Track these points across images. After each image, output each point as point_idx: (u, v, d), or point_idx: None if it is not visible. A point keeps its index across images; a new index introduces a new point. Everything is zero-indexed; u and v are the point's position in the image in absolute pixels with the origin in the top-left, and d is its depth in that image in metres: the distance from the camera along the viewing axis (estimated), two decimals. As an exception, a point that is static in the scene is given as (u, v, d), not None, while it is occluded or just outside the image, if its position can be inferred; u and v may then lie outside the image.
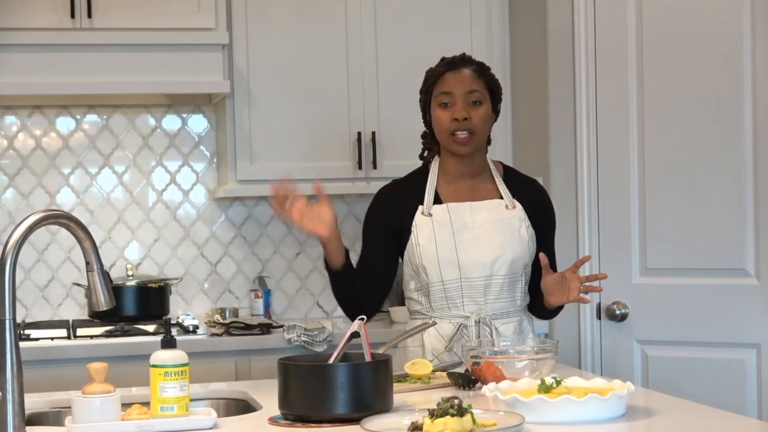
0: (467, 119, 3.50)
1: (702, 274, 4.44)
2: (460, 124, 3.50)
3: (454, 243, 3.52)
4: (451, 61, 3.59)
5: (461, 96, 3.52)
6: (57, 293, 5.13)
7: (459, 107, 3.51)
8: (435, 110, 3.56)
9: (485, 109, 3.55)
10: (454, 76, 3.55)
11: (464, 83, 3.54)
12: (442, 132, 3.55)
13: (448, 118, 3.52)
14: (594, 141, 4.63)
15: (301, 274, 5.34)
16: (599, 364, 4.62)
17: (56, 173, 5.14)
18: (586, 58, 4.63)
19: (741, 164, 4.36)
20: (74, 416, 2.64)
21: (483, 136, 3.57)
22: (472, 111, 3.52)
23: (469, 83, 3.54)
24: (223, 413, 3.07)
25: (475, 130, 3.52)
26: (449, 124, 3.52)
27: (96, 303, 2.85)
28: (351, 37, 5.00)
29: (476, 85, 3.54)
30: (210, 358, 4.55)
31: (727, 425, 2.63)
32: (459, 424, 2.38)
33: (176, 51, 4.69)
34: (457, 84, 3.53)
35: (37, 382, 3.56)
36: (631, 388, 2.71)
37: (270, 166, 4.91)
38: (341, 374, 2.66)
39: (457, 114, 3.51)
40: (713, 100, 4.40)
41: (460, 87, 3.53)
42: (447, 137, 3.54)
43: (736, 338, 4.39)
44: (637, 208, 4.54)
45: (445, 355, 3.51)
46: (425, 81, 3.62)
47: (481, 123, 3.53)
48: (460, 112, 3.51)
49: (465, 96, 3.52)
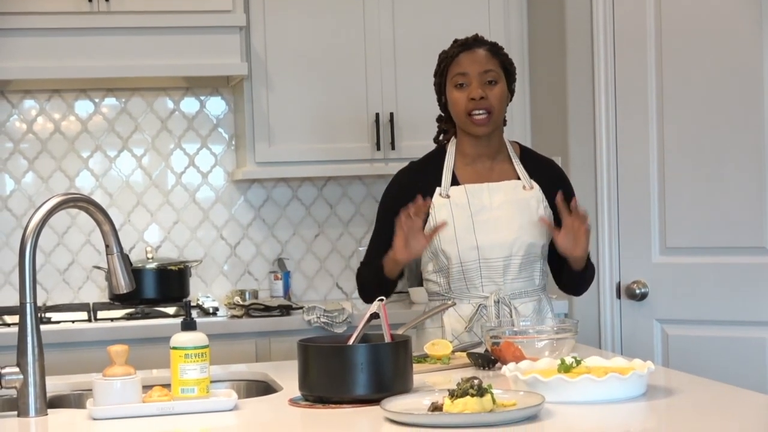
0: (484, 98, 3.50)
1: (721, 252, 4.43)
2: (477, 103, 3.50)
3: (473, 225, 3.52)
4: (464, 42, 3.58)
5: (476, 76, 3.52)
6: (77, 276, 5.14)
7: (475, 87, 3.51)
8: (451, 92, 3.56)
9: (501, 88, 3.54)
10: (468, 57, 3.55)
11: (479, 63, 3.53)
12: (459, 113, 3.54)
13: (465, 98, 3.52)
14: (613, 121, 4.61)
15: (320, 256, 5.35)
16: (619, 343, 4.61)
17: (75, 157, 5.15)
18: (604, 37, 4.61)
19: (760, 143, 4.34)
20: (95, 398, 2.65)
21: (500, 115, 3.57)
22: (488, 90, 3.52)
23: (484, 63, 3.54)
24: (244, 395, 3.08)
25: (492, 110, 3.52)
26: (466, 104, 3.51)
27: (116, 286, 2.87)
28: (368, 18, 4.99)
29: (491, 65, 3.54)
30: (230, 339, 4.55)
31: (748, 403, 2.62)
32: (479, 404, 2.38)
33: (193, 33, 4.69)
34: (472, 64, 3.53)
35: (58, 365, 3.58)
36: (651, 367, 2.70)
37: (288, 148, 4.91)
38: (361, 355, 2.66)
39: (473, 93, 3.50)
40: (732, 79, 4.38)
41: (475, 67, 3.53)
42: (464, 118, 3.53)
43: (756, 317, 4.38)
44: (657, 188, 4.53)
45: (465, 336, 3.52)
46: (439, 63, 3.62)
47: (498, 102, 3.53)
48: (476, 91, 3.50)
49: (480, 75, 3.52)
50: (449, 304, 3.47)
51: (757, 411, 2.57)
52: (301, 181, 5.30)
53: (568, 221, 3.43)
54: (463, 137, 3.61)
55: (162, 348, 3.00)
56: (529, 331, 3.17)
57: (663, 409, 2.58)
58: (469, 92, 3.51)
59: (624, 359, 2.84)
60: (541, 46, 5.00)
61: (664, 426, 2.49)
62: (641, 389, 2.66)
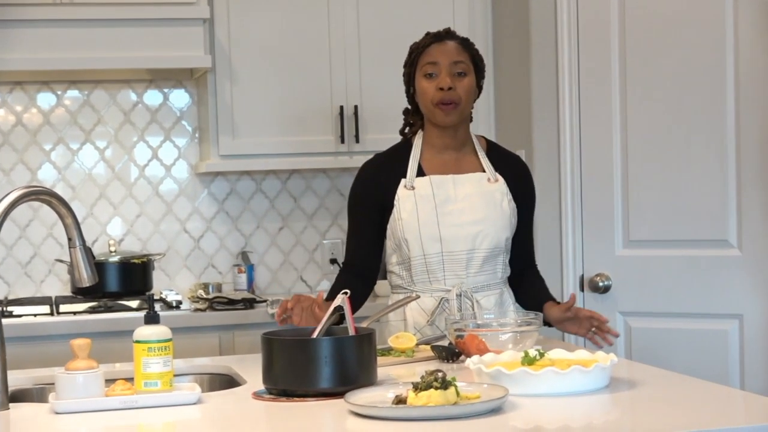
0: (452, 89, 3.50)
1: (684, 245, 4.45)
2: (445, 94, 3.50)
3: (437, 217, 3.52)
4: (436, 34, 3.59)
5: (446, 66, 3.52)
6: (39, 270, 5.11)
7: (444, 77, 3.51)
8: (420, 81, 3.56)
9: (470, 81, 3.55)
10: (439, 48, 3.55)
11: (449, 54, 3.54)
12: (426, 102, 3.54)
13: (433, 87, 3.52)
14: (576, 115, 4.62)
15: (284, 249, 5.34)
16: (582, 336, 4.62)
17: (37, 149, 5.12)
18: (568, 32, 4.62)
19: (723, 136, 4.36)
20: (58, 392, 2.64)
21: (467, 107, 3.57)
22: (457, 81, 3.52)
23: (454, 54, 3.54)
24: (207, 388, 3.07)
25: (460, 101, 3.52)
26: (434, 93, 3.51)
27: (79, 279, 2.85)
28: (333, 11, 4.98)
29: (461, 57, 3.55)
30: (193, 333, 4.54)
31: (710, 395, 2.64)
32: (443, 397, 2.38)
33: (157, 26, 4.67)
34: (442, 54, 3.53)
35: (20, 359, 3.55)
36: (614, 359, 2.71)
37: (252, 141, 4.91)
38: (325, 348, 2.66)
39: (442, 83, 3.50)
40: (695, 73, 4.40)
41: (445, 57, 3.53)
42: (432, 107, 3.53)
43: (718, 309, 4.40)
44: (620, 181, 4.54)
45: (427, 329, 3.52)
46: (410, 54, 3.62)
47: (466, 94, 3.53)
48: (445, 80, 3.50)
49: (450, 66, 3.52)
50: (414, 297, 3.47)
51: (718, 403, 2.58)
52: (265, 174, 5.29)
53: (584, 317, 3.47)
54: (430, 128, 3.61)
55: (125, 341, 2.98)
56: (492, 324, 3.18)
57: (626, 401, 2.59)
58: (438, 82, 3.52)
59: (587, 352, 2.85)
60: (506, 41, 5.00)
61: (627, 418, 2.50)
62: (604, 381, 2.67)
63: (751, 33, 4.29)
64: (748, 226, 4.34)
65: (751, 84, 4.31)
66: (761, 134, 4.30)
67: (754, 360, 4.35)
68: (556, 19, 4.65)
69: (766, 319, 4.32)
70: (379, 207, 3.59)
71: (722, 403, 2.59)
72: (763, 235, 4.31)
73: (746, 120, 4.32)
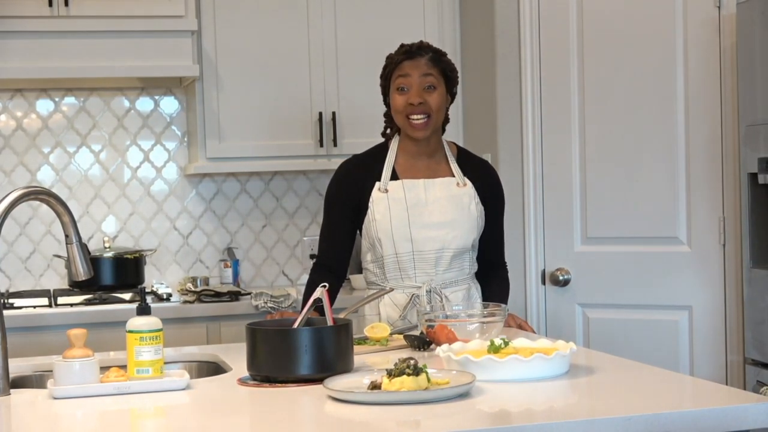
0: (422, 103, 3.50)
1: (638, 242, 4.47)
2: (415, 108, 3.50)
3: (408, 218, 3.52)
4: (408, 50, 3.57)
5: (417, 81, 3.51)
6: (38, 264, 5.09)
7: (414, 92, 3.51)
8: (393, 95, 3.56)
9: (439, 93, 3.54)
10: (410, 64, 3.54)
11: (420, 68, 3.53)
12: (399, 115, 3.54)
13: (405, 102, 3.52)
14: (538, 120, 4.63)
15: (267, 245, 5.33)
16: (544, 326, 4.64)
17: (36, 152, 5.09)
18: (531, 43, 4.63)
19: (672, 140, 4.38)
20: (56, 379, 2.63)
21: (439, 118, 3.56)
22: (427, 95, 3.51)
23: (424, 69, 3.53)
24: (195, 375, 3.06)
25: (431, 113, 3.52)
26: (405, 107, 3.51)
27: (75, 273, 2.85)
28: (312, 23, 4.98)
29: (432, 71, 3.53)
30: (182, 323, 4.54)
31: (661, 381, 2.65)
32: (415, 383, 2.39)
33: (148, 37, 4.66)
34: (413, 69, 3.53)
35: (20, 348, 3.54)
36: (573, 348, 2.72)
37: (237, 145, 4.90)
38: (305, 338, 2.66)
39: (412, 99, 3.50)
40: (648, 84, 4.42)
41: (416, 72, 3.52)
42: (404, 120, 3.53)
43: (669, 301, 4.42)
44: (579, 182, 4.56)
45: (399, 323, 3.52)
46: (385, 67, 3.61)
47: (436, 106, 3.52)
48: (415, 97, 3.50)
49: (420, 80, 3.52)
50: (388, 290, 3.48)
51: (669, 388, 2.59)
52: (249, 175, 5.28)
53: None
54: (404, 136, 3.61)
55: (119, 332, 2.97)
56: (461, 315, 3.18)
57: (584, 386, 2.60)
58: (408, 97, 3.51)
59: (548, 341, 2.85)
60: (473, 52, 5.01)
61: (585, 402, 2.50)
62: (564, 368, 2.68)
63: (698, 45, 4.31)
64: (696, 225, 4.36)
65: (699, 93, 4.33)
66: (708, 139, 4.32)
67: (703, 348, 4.37)
68: (519, 31, 4.66)
69: (713, 310, 4.34)
70: (354, 206, 3.58)
71: (673, 388, 2.60)
72: (710, 233, 4.33)
73: (694, 126, 4.34)
